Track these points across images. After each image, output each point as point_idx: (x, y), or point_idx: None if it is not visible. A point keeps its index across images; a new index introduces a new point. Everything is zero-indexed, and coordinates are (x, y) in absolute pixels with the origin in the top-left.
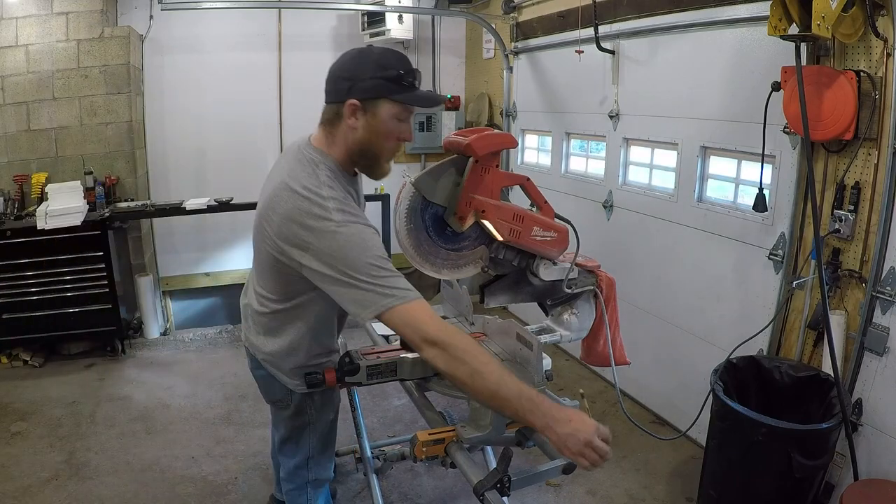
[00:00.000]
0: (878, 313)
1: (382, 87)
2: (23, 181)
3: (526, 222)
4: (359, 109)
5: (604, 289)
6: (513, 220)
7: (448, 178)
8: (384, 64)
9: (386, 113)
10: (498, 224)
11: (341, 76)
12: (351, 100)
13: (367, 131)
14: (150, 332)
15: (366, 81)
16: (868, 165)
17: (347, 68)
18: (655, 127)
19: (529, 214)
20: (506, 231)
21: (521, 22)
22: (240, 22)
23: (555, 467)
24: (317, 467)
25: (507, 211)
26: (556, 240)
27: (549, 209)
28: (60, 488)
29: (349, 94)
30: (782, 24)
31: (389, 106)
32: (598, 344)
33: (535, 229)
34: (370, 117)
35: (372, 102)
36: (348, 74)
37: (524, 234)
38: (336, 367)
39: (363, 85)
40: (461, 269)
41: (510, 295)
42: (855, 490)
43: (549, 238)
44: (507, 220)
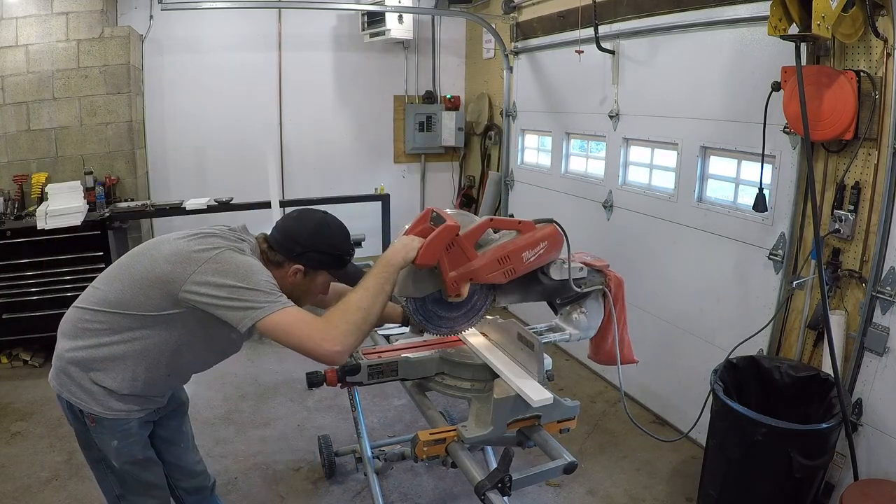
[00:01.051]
0: (878, 313)
1: (326, 261)
2: (23, 181)
3: (513, 257)
4: (300, 273)
5: (612, 288)
6: (502, 264)
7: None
8: (334, 244)
9: (321, 280)
10: (492, 277)
11: (297, 240)
12: (297, 266)
13: (302, 289)
14: None
15: (314, 255)
16: (868, 165)
17: (304, 236)
18: (655, 127)
19: (512, 248)
20: (501, 276)
21: (521, 22)
22: (240, 22)
23: (555, 467)
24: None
25: (492, 262)
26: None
27: (527, 224)
28: (60, 488)
29: (297, 259)
30: (782, 24)
31: (325, 276)
32: (606, 342)
33: (524, 255)
34: (308, 280)
35: (313, 272)
36: (303, 242)
37: (518, 267)
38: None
39: (312, 256)
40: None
41: (520, 294)
42: (855, 490)
43: (542, 251)
44: (496, 269)
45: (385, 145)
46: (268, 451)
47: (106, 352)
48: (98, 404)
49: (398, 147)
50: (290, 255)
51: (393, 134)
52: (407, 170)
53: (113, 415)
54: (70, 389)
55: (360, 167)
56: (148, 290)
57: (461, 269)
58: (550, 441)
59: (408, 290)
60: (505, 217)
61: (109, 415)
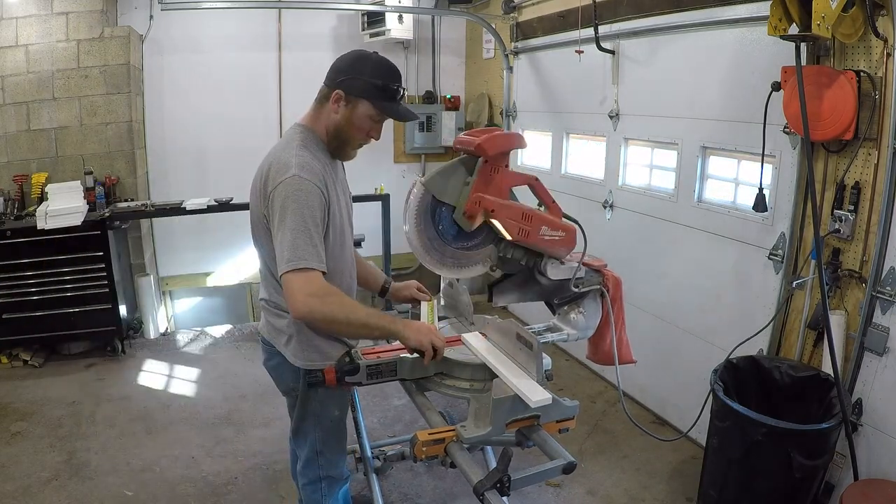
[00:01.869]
0: (878, 313)
1: (368, 89)
2: (23, 181)
3: (534, 222)
4: (342, 100)
5: (610, 288)
6: (521, 219)
7: (457, 178)
8: (377, 72)
9: (363, 111)
10: (507, 223)
11: (339, 68)
12: (338, 90)
13: (344, 119)
14: (150, 332)
15: (356, 80)
16: (868, 165)
17: (346, 63)
18: (655, 127)
19: (538, 214)
20: (515, 230)
21: (521, 22)
22: (240, 22)
23: (554, 467)
24: (327, 464)
25: (516, 210)
26: (563, 239)
27: (557, 209)
28: (60, 488)
29: (339, 84)
30: (782, 24)
31: (368, 106)
32: (604, 343)
33: (543, 229)
34: (349, 109)
35: (355, 98)
36: (345, 68)
37: (533, 234)
38: (336, 366)
39: (353, 82)
40: (469, 268)
41: (518, 294)
42: (855, 490)
43: (558, 237)
44: (515, 219)
45: (385, 145)
46: (268, 451)
47: None
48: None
49: (398, 147)
50: (331, 84)
51: (393, 134)
52: (407, 170)
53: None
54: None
55: (360, 167)
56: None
57: (489, 194)
58: (550, 441)
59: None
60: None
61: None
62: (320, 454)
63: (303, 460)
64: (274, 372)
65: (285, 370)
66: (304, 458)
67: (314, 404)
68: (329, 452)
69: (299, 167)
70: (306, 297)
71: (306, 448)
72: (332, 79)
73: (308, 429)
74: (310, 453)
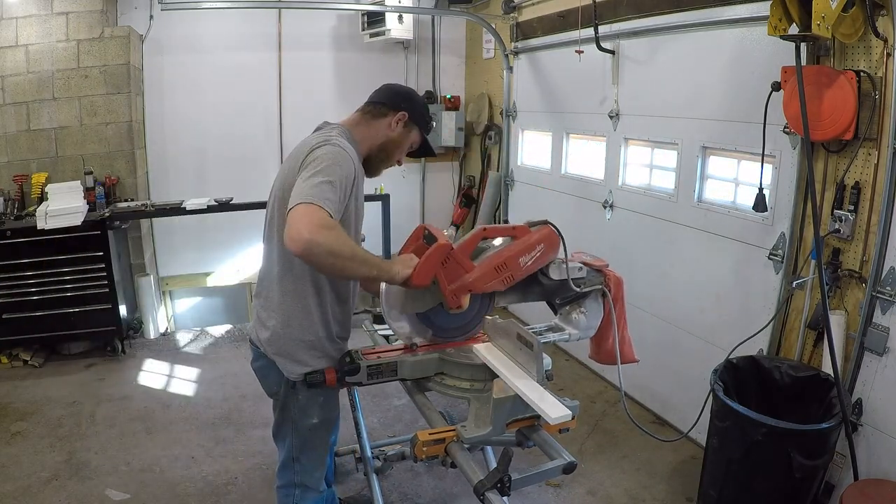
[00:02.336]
0: (878, 313)
1: (422, 120)
2: (23, 181)
3: (511, 264)
4: (402, 123)
5: (612, 287)
6: (500, 271)
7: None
8: (426, 107)
9: (414, 137)
10: (490, 286)
11: (401, 94)
12: (404, 112)
13: (398, 138)
14: (150, 332)
15: (418, 110)
16: (868, 165)
17: (406, 93)
18: (655, 127)
19: (508, 255)
20: (500, 284)
21: (521, 22)
22: (240, 22)
23: (555, 467)
24: (302, 471)
25: (490, 271)
26: (545, 250)
27: (522, 228)
28: (60, 488)
29: (405, 109)
30: (782, 24)
31: (418, 135)
32: (606, 342)
33: (521, 260)
34: (405, 132)
35: (413, 124)
36: (407, 97)
37: (517, 272)
38: (336, 366)
39: (417, 110)
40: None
41: (520, 295)
42: (855, 490)
43: (539, 253)
44: (495, 277)
45: None
46: (268, 451)
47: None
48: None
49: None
50: (397, 105)
51: None
52: (407, 170)
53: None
54: None
55: None
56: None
57: (459, 281)
58: (550, 441)
59: (409, 308)
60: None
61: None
62: (296, 460)
63: (279, 463)
64: (259, 373)
65: (270, 372)
66: (281, 461)
67: (294, 411)
68: (305, 460)
69: (341, 144)
70: (312, 226)
71: (283, 452)
72: (395, 102)
73: (286, 433)
74: (286, 458)
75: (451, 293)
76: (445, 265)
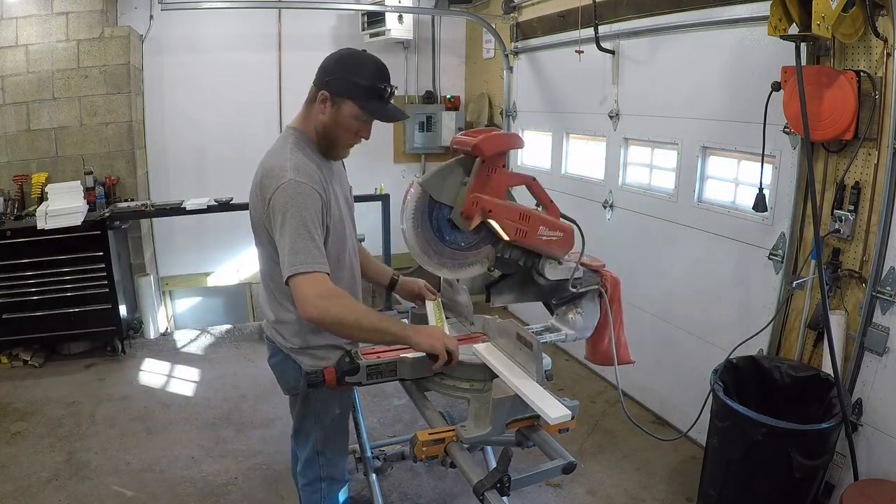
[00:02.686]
0: (878, 313)
1: (353, 89)
2: (23, 181)
3: (532, 222)
4: (327, 100)
5: (608, 288)
6: (519, 219)
7: (455, 178)
8: (363, 72)
9: (348, 111)
10: (504, 224)
11: (326, 67)
12: (323, 91)
13: (330, 120)
14: (150, 332)
15: (341, 80)
16: (868, 165)
17: (332, 62)
18: (655, 127)
19: (535, 214)
20: (512, 231)
21: (521, 22)
22: (240, 22)
23: (554, 467)
24: (327, 464)
25: (514, 210)
26: (561, 239)
27: (555, 209)
28: (60, 488)
29: (324, 85)
30: (782, 24)
31: (352, 106)
32: (602, 343)
33: (541, 229)
34: (335, 110)
35: (339, 98)
36: (331, 68)
37: (530, 234)
38: (336, 366)
39: (338, 82)
40: (467, 268)
41: (516, 294)
42: (855, 490)
43: (555, 238)
44: (513, 219)
45: (385, 145)
46: (268, 451)
47: None
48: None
49: (398, 147)
50: (318, 85)
51: (393, 134)
52: (407, 170)
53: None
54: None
55: (360, 167)
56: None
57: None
58: (550, 441)
59: (432, 183)
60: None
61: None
62: (321, 454)
63: (303, 460)
64: (276, 369)
65: (287, 368)
66: (305, 458)
67: (315, 403)
68: (330, 453)
69: (294, 170)
70: (316, 300)
71: (307, 448)
72: (320, 79)
73: (309, 428)
74: (310, 453)
75: (473, 200)
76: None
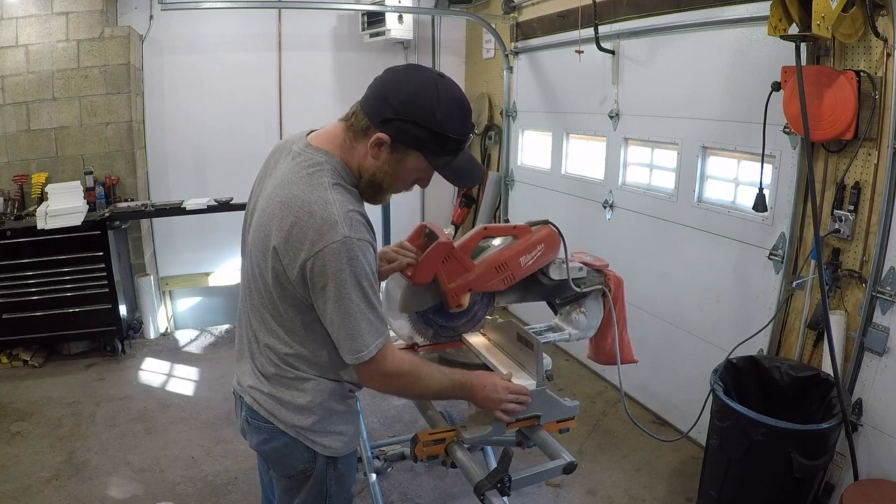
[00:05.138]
0: (878, 313)
1: (424, 141)
2: (23, 181)
3: (511, 264)
4: (386, 146)
5: (612, 287)
6: (500, 271)
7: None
8: (442, 118)
9: (413, 164)
10: (491, 285)
11: (388, 99)
12: (380, 134)
13: (386, 169)
14: (150, 332)
15: (411, 125)
16: (868, 165)
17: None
18: (655, 127)
19: (509, 254)
20: (500, 283)
21: (521, 22)
22: (240, 22)
23: (555, 467)
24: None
25: (490, 270)
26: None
27: (522, 228)
28: (60, 488)
29: (385, 125)
30: (782, 24)
31: (420, 161)
32: (605, 342)
33: (522, 259)
34: (394, 160)
35: (404, 149)
36: (398, 106)
37: (517, 272)
38: None
39: (406, 127)
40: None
41: (520, 294)
42: (855, 490)
43: (539, 253)
44: (495, 276)
45: None
46: None
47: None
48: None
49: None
50: (376, 120)
51: None
52: None
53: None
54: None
55: None
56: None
57: (459, 280)
58: (550, 441)
59: (409, 306)
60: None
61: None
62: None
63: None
64: (276, 454)
65: (295, 450)
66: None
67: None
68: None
69: (348, 225)
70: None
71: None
72: (377, 111)
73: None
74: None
75: (452, 292)
76: (446, 263)
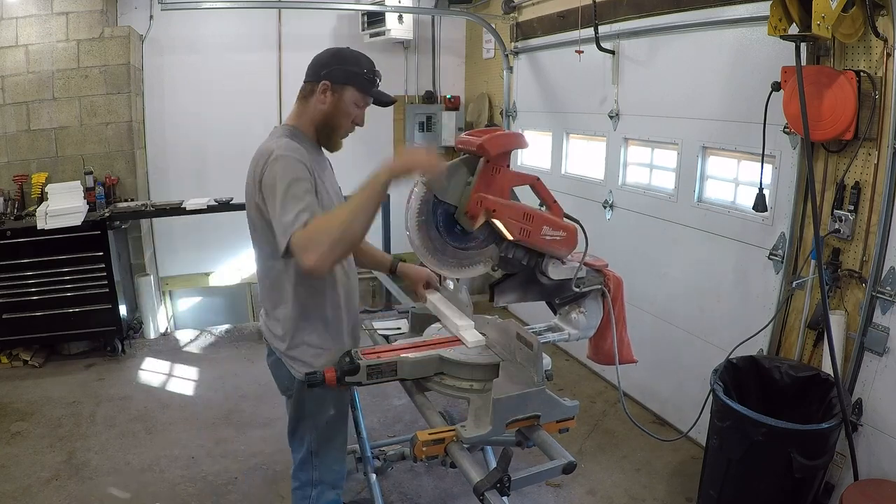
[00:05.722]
0: (878, 313)
1: (353, 77)
2: (23, 181)
3: (536, 221)
4: (329, 89)
5: (611, 287)
6: (523, 219)
7: (459, 178)
8: (355, 61)
9: (350, 97)
10: (508, 223)
11: (320, 62)
12: (324, 81)
13: (332, 108)
14: (150, 332)
15: (340, 70)
16: (868, 165)
17: (328, 57)
18: (655, 127)
19: (539, 214)
20: (516, 230)
21: (521, 22)
22: (240, 22)
23: (554, 467)
24: (321, 466)
25: (518, 210)
26: (564, 239)
27: (559, 209)
28: (60, 488)
29: (324, 76)
30: (782, 24)
31: (353, 92)
32: (605, 342)
33: (544, 228)
34: (336, 98)
35: (340, 86)
36: (326, 62)
37: (534, 234)
38: (336, 366)
39: (337, 72)
40: (471, 268)
41: (519, 294)
42: (855, 490)
43: (559, 237)
44: (517, 219)
45: (385, 145)
46: (268, 451)
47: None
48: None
49: (398, 147)
50: (317, 75)
51: (393, 134)
52: None
53: None
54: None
55: (360, 167)
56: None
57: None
58: (550, 441)
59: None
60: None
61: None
62: (315, 455)
63: (297, 462)
64: (272, 369)
65: (282, 367)
66: (299, 459)
67: (309, 404)
68: (325, 454)
69: (281, 149)
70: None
71: (302, 449)
72: (316, 72)
73: (304, 430)
74: (305, 454)
75: (477, 199)
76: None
